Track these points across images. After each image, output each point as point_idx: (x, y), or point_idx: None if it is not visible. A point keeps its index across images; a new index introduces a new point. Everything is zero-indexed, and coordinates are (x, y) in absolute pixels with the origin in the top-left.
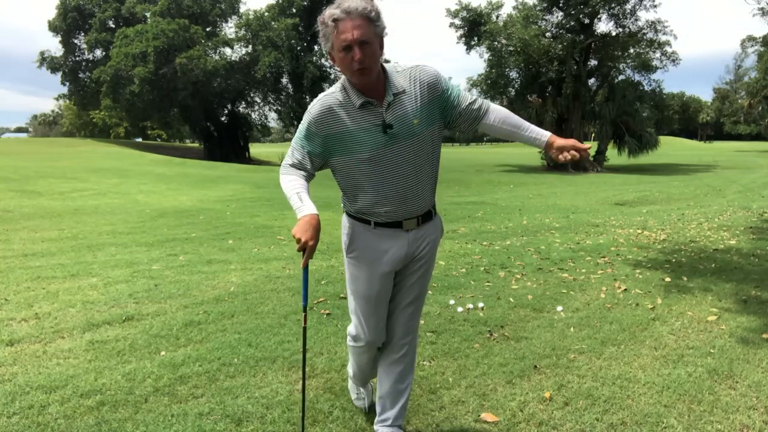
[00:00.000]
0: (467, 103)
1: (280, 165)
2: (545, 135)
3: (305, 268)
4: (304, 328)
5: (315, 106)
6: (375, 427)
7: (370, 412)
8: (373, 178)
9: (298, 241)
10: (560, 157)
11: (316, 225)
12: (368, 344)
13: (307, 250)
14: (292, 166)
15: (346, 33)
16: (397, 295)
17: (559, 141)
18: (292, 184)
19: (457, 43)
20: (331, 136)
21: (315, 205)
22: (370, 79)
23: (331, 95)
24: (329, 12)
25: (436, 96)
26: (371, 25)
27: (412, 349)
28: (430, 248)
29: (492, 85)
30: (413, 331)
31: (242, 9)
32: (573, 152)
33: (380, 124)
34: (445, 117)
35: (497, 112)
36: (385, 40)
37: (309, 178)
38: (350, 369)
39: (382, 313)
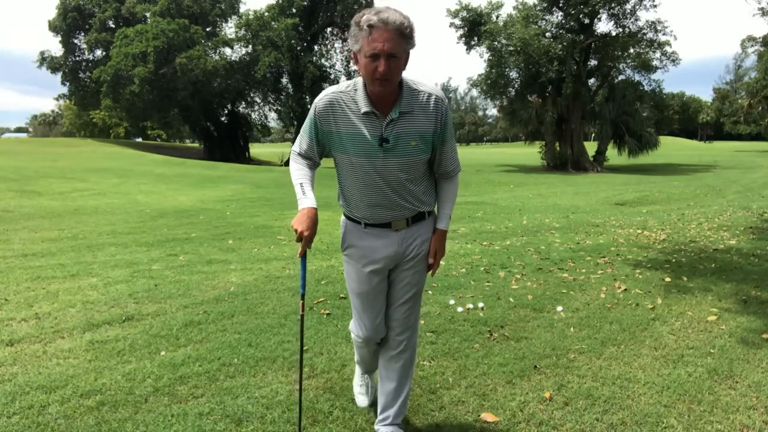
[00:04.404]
0: (448, 158)
1: (279, 165)
2: (439, 224)
3: (303, 256)
4: (302, 316)
5: (322, 100)
6: (376, 426)
7: (370, 411)
8: (364, 181)
9: (296, 231)
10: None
11: (313, 217)
12: (365, 340)
13: (303, 239)
14: (299, 154)
15: (378, 42)
16: (393, 292)
17: (435, 243)
18: (298, 173)
19: (457, 43)
20: (330, 133)
21: (315, 199)
22: (388, 91)
23: (339, 93)
24: (367, 16)
25: (440, 130)
26: (403, 41)
27: (410, 347)
28: (423, 247)
29: (492, 85)
30: (411, 328)
31: (242, 9)
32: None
33: (378, 136)
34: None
35: (451, 183)
36: None
37: (314, 166)
38: (355, 356)
39: (377, 309)
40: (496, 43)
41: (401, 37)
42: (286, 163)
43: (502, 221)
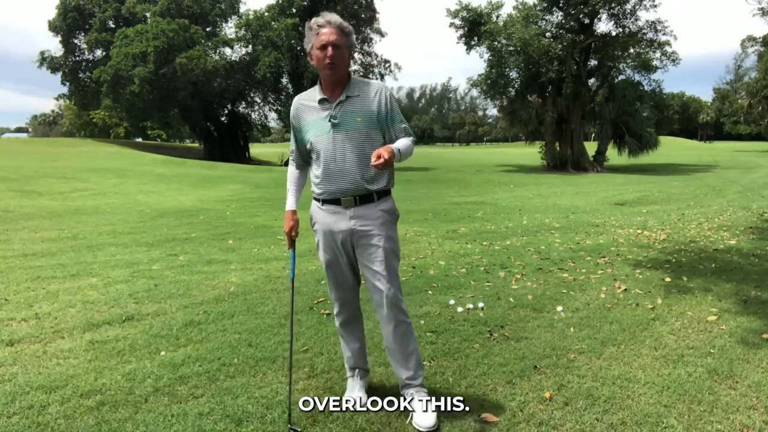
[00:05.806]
0: (401, 129)
1: (280, 165)
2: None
3: (291, 249)
4: (292, 294)
5: (293, 105)
6: (401, 392)
7: (369, 411)
8: (318, 157)
9: (284, 231)
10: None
11: (291, 217)
12: (338, 310)
13: (288, 236)
14: (291, 156)
15: (324, 36)
16: (365, 269)
17: (381, 148)
18: (289, 177)
19: (457, 43)
20: (299, 125)
21: (294, 201)
22: (336, 75)
23: (302, 96)
24: (315, 20)
25: (385, 111)
26: (344, 36)
27: (406, 323)
28: (378, 224)
29: (492, 85)
30: (398, 304)
31: (242, 9)
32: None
33: (329, 115)
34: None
35: (407, 138)
36: (386, 39)
37: (302, 165)
38: (341, 345)
39: (341, 282)
40: (496, 43)
41: (342, 33)
42: (286, 163)
43: (502, 221)
